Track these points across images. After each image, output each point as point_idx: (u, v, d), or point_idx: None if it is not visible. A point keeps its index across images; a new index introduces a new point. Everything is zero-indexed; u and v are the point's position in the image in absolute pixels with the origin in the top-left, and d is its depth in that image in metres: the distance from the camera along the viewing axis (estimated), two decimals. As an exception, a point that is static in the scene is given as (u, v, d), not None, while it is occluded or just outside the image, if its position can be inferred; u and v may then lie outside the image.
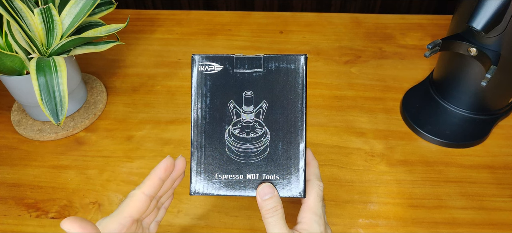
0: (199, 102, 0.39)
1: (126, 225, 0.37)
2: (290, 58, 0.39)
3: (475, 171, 0.59)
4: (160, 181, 0.38)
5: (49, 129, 0.65)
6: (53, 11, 0.58)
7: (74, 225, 0.34)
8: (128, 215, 0.37)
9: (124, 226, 0.37)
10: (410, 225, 0.53)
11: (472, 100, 0.62)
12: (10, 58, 0.57)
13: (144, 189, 0.38)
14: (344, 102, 0.70)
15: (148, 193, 0.38)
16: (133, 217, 0.37)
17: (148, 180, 0.38)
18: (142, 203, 0.37)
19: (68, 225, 0.34)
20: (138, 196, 0.37)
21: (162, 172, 0.38)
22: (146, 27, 0.87)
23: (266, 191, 0.38)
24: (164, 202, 0.43)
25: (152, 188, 0.38)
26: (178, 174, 0.40)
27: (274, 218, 0.37)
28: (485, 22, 0.50)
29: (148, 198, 0.38)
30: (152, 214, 0.41)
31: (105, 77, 0.76)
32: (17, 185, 0.59)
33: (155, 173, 0.38)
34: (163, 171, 0.38)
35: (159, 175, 0.38)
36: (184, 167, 0.40)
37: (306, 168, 0.40)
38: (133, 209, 0.37)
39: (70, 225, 0.34)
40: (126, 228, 0.37)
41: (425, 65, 0.76)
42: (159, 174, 0.38)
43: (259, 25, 0.87)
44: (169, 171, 0.39)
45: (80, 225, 0.34)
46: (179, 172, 0.40)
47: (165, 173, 0.38)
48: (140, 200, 0.37)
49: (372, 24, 0.86)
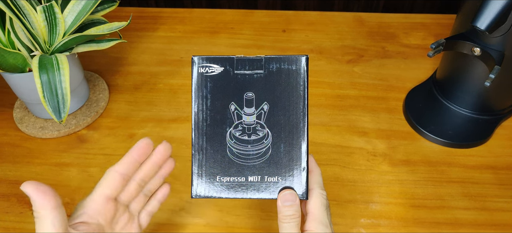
0: (200, 104, 0.39)
1: (98, 202, 0.37)
2: (291, 59, 0.39)
3: (477, 171, 0.59)
4: (135, 160, 0.39)
5: (51, 126, 0.65)
6: (56, 9, 0.58)
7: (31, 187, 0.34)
8: (101, 192, 0.38)
9: (96, 202, 0.37)
10: (412, 225, 0.53)
11: (475, 100, 0.62)
12: (13, 55, 0.57)
13: (116, 167, 0.39)
14: (346, 101, 0.70)
15: (121, 170, 0.38)
16: (105, 194, 0.38)
17: (123, 158, 0.39)
18: (113, 180, 0.38)
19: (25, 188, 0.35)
20: (110, 174, 0.38)
21: (136, 152, 0.39)
22: (148, 25, 0.87)
23: (288, 199, 0.38)
24: (153, 191, 0.43)
25: (125, 166, 0.39)
26: (161, 158, 0.41)
27: (290, 224, 0.37)
28: (489, 22, 0.49)
29: (120, 176, 0.38)
30: (139, 200, 0.41)
31: (107, 75, 0.76)
32: (19, 182, 0.59)
33: (129, 152, 0.39)
34: (136, 151, 0.39)
35: (133, 155, 0.39)
36: (168, 153, 0.41)
37: (309, 176, 0.39)
38: (104, 186, 0.38)
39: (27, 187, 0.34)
40: (100, 205, 0.37)
41: (428, 64, 0.76)
42: (133, 154, 0.39)
43: (262, 24, 0.86)
44: (143, 151, 0.39)
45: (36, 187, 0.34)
46: (162, 157, 0.41)
47: (138, 153, 0.39)
48: (112, 177, 0.38)
49: (375, 23, 0.85)
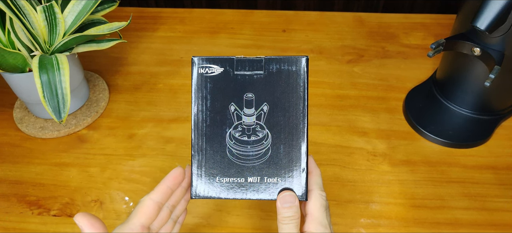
0: (200, 105, 0.39)
1: (135, 231, 0.38)
2: (291, 60, 0.39)
3: (478, 171, 0.59)
4: (169, 189, 0.40)
5: (51, 126, 0.65)
6: (56, 9, 0.58)
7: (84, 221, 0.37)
8: (137, 221, 0.38)
9: (133, 231, 0.38)
10: (412, 225, 0.53)
11: (475, 100, 0.62)
12: (13, 55, 0.57)
13: (152, 195, 0.39)
14: (346, 101, 0.70)
15: (156, 199, 0.39)
16: (141, 223, 0.38)
17: (158, 187, 0.40)
18: (149, 208, 0.39)
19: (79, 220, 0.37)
20: (145, 202, 0.39)
21: (171, 181, 0.40)
22: (148, 25, 0.87)
23: (288, 200, 0.38)
24: (179, 215, 0.43)
25: (160, 195, 0.39)
26: (188, 183, 0.42)
27: (289, 225, 0.37)
28: (489, 22, 0.49)
29: (156, 205, 0.39)
30: (168, 226, 0.42)
31: (108, 75, 0.76)
32: (19, 182, 0.59)
33: (164, 181, 0.40)
34: (172, 179, 0.40)
35: (168, 184, 0.40)
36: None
37: (308, 177, 0.39)
38: (141, 215, 0.39)
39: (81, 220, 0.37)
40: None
41: (428, 64, 0.76)
42: (168, 183, 0.40)
43: (262, 24, 0.86)
44: (178, 180, 0.40)
45: (89, 221, 0.37)
46: (188, 181, 0.41)
47: (174, 182, 0.40)
48: (148, 206, 0.39)
49: (375, 23, 0.85)
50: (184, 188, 0.42)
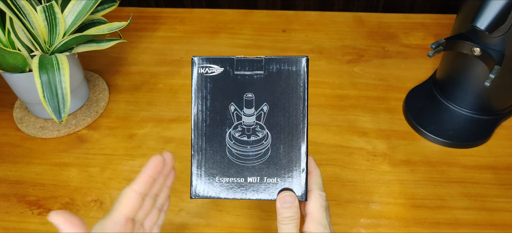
0: (200, 105, 0.39)
1: (119, 223, 0.37)
2: (292, 60, 0.39)
3: (477, 171, 0.59)
4: (150, 178, 0.39)
5: (51, 126, 0.65)
6: (56, 9, 0.58)
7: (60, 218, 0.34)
8: (120, 213, 0.37)
9: (117, 224, 0.37)
10: (412, 225, 0.53)
11: (475, 100, 0.62)
12: (13, 55, 0.57)
13: (134, 186, 0.38)
14: (346, 101, 0.70)
15: (138, 190, 0.38)
16: (124, 215, 0.37)
17: (138, 177, 0.38)
18: (132, 200, 0.38)
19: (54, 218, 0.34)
20: (128, 194, 0.38)
21: (151, 169, 0.39)
22: (148, 25, 0.87)
23: (287, 200, 0.38)
24: (164, 204, 0.43)
25: (142, 185, 0.38)
26: (168, 169, 0.41)
27: (289, 226, 0.37)
28: (489, 22, 0.49)
29: (139, 195, 0.38)
30: (153, 216, 0.41)
31: (108, 75, 0.76)
32: (19, 182, 0.59)
33: (145, 170, 0.39)
34: (152, 168, 0.39)
35: (149, 173, 0.39)
36: (173, 162, 0.41)
37: (308, 177, 0.39)
38: (124, 207, 0.37)
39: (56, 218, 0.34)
40: (120, 227, 0.37)
41: (428, 64, 0.76)
42: (148, 171, 0.39)
43: (262, 24, 0.86)
44: (158, 168, 0.39)
45: (65, 218, 0.34)
46: (169, 167, 0.41)
47: (154, 170, 0.39)
48: (131, 197, 0.38)
49: (375, 23, 0.85)
50: (165, 176, 0.41)
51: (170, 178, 0.42)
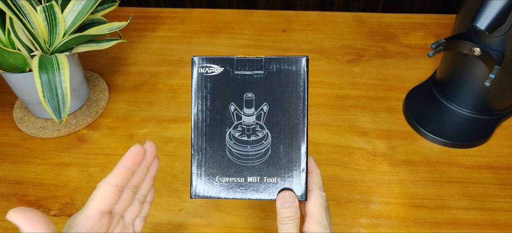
0: (200, 105, 0.39)
1: (92, 218, 0.35)
2: (292, 60, 0.39)
3: (477, 171, 0.59)
4: (128, 170, 0.37)
5: (51, 126, 0.65)
6: (56, 9, 0.58)
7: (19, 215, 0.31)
8: (94, 208, 0.35)
9: (90, 219, 0.35)
10: (412, 225, 0.53)
11: (475, 100, 0.62)
12: (13, 55, 0.57)
13: (109, 178, 0.36)
14: (346, 101, 0.70)
15: (114, 182, 0.36)
16: (99, 209, 0.36)
17: (114, 170, 0.37)
18: (107, 193, 0.36)
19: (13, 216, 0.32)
20: (103, 187, 0.36)
21: (129, 161, 0.37)
22: (148, 25, 0.87)
23: (287, 200, 0.38)
24: (146, 195, 0.41)
25: (118, 177, 0.37)
26: (150, 159, 0.39)
27: (288, 226, 0.37)
28: (489, 22, 0.49)
29: (114, 188, 0.36)
30: (134, 208, 0.40)
31: (107, 75, 0.76)
32: (19, 182, 0.59)
33: (121, 162, 0.37)
34: (130, 160, 0.37)
35: (125, 164, 0.37)
36: (155, 152, 0.39)
37: (308, 177, 0.39)
38: (98, 201, 0.36)
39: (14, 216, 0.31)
40: (93, 222, 0.35)
41: (428, 64, 0.76)
42: (126, 163, 0.37)
43: (262, 24, 0.86)
44: (137, 159, 0.37)
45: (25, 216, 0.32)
46: (150, 158, 0.39)
47: (132, 161, 0.37)
48: (106, 191, 0.36)
49: (375, 23, 0.85)
50: (146, 167, 0.39)
51: (153, 169, 0.40)
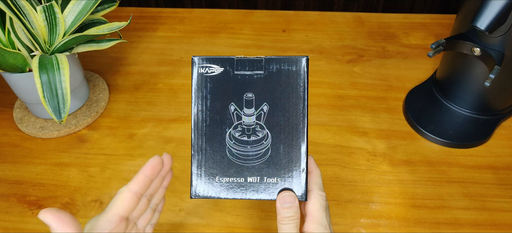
0: (200, 105, 0.39)
1: (113, 222, 0.37)
2: (292, 60, 0.39)
3: (477, 171, 0.59)
4: (147, 178, 0.39)
5: (51, 126, 0.65)
6: (56, 9, 0.58)
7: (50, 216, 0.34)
8: (115, 212, 0.37)
9: (111, 223, 0.37)
10: (412, 225, 0.53)
11: (475, 100, 0.62)
12: (13, 55, 0.57)
13: (130, 186, 0.38)
14: (346, 101, 0.70)
15: (135, 190, 0.38)
16: (119, 214, 0.37)
17: (135, 177, 0.38)
18: (128, 200, 0.38)
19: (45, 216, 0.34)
20: (124, 194, 0.38)
21: (149, 170, 0.39)
22: (148, 25, 0.87)
23: (287, 200, 0.38)
24: (158, 204, 0.43)
25: (138, 185, 0.38)
26: (166, 170, 0.41)
27: (288, 226, 0.37)
28: (489, 22, 0.49)
29: (134, 195, 0.38)
30: (147, 215, 0.41)
31: (108, 75, 0.76)
32: (19, 182, 0.59)
33: (142, 171, 0.39)
34: (150, 169, 0.39)
35: (146, 173, 0.39)
36: (171, 164, 0.41)
37: (308, 177, 0.39)
38: (119, 206, 0.37)
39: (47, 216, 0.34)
40: (113, 226, 0.37)
41: (428, 64, 0.76)
42: (146, 172, 0.39)
43: (262, 24, 0.86)
44: (156, 169, 0.39)
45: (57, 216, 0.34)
46: (166, 168, 0.41)
47: (152, 171, 0.39)
48: (126, 197, 0.38)
49: (375, 23, 0.85)
50: (162, 177, 0.41)
51: (167, 179, 0.42)
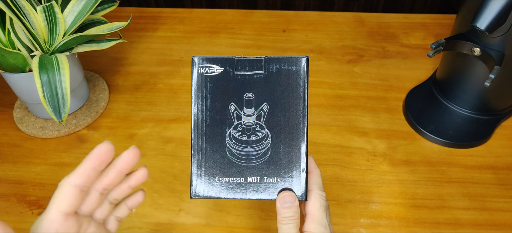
0: (200, 105, 0.39)
1: (57, 221, 0.33)
2: (292, 60, 0.39)
3: (477, 171, 0.59)
4: (92, 170, 0.34)
5: (51, 126, 0.65)
6: (56, 9, 0.58)
7: None
8: (56, 209, 0.33)
9: (55, 221, 0.33)
10: (412, 225, 0.53)
11: (475, 100, 0.62)
12: (13, 55, 0.57)
13: (70, 178, 0.34)
14: (346, 101, 0.70)
15: (76, 182, 0.34)
16: (61, 209, 0.33)
17: (78, 168, 0.34)
18: (69, 194, 0.33)
19: None
20: (63, 187, 0.34)
21: (93, 161, 0.34)
22: (148, 25, 0.87)
23: (287, 200, 0.38)
24: (120, 199, 0.38)
25: (81, 178, 0.34)
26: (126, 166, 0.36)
27: (289, 226, 0.37)
28: (489, 22, 0.49)
29: (76, 189, 0.34)
30: (103, 208, 0.37)
31: (108, 75, 0.76)
32: (19, 182, 0.59)
33: (85, 160, 0.34)
34: (95, 159, 0.34)
35: (89, 164, 0.34)
36: (136, 159, 0.36)
37: (308, 177, 0.39)
38: (58, 201, 0.33)
39: None
40: (58, 224, 0.33)
41: (428, 64, 0.76)
42: (89, 163, 0.34)
43: (262, 24, 0.86)
44: (103, 158, 0.34)
45: None
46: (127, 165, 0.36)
47: (98, 161, 0.34)
48: (66, 191, 0.33)
49: (375, 23, 0.85)
50: (120, 172, 0.36)
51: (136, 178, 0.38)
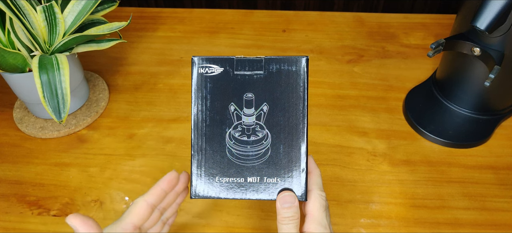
0: (199, 105, 0.39)
1: (127, 230, 0.39)
2: (291, 60, 0.39)
3: (477, 171, 0.59)
4: (163, 192, 0.41)
5: (51, 126, 0.65)
6: (56, 9, 0.58)
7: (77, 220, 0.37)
8: (129, 221, 0.39)
9: (125, 230, 0.39)
10: (412, 225, 0.53)
11: (475, 100, 0.62)
12: (13, 55, 0.57)
13: (146, 197, 0.41)
14: (346, 101, 0.70)
15: (150, 201, 0.41)
16: (134, 223, 0.40)
17: (152, 189, 0.41)
18: (143, 210, 0.40)
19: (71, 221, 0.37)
20: (139, 204, 0.40)
21: (165, 184, 0.41)
22: (148, 25, 0.87)
23: (287, 200, 0.38)
24: (169, 217, 0.45)
25: (154, 197, 0.41)
26: (181, 188, 0.43)
27: (288, 226, 0.38)
28: (489, 22, 0.49)
29: (149, 206, 0.40)
30: (157, 227, 0.43)
31: (107, 75, 0.76)
32: (19, 182, 0.59)
33: (159, 184, 0.41)
34: (166, 183, 0.41)
35: (162, 186, 0.41)
36: (187, 182, 0.43)
37: (308, 177, 0.39)
38: (134, 215, 0.40)
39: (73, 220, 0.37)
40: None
41: (428, 64, 0.76)
42: (162, 186, 0.41)
43: (262, 24, 0.86)
44: (172, 184, 0.42)
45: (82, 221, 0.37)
46: (182, 186, 0.43)
47: (168, 185, 0.41)
48: (141, 207, 0.40)
49: (375, 23, 0.85)
50: (177, 193, 0.43)
51: (181, 197, 0.44)
